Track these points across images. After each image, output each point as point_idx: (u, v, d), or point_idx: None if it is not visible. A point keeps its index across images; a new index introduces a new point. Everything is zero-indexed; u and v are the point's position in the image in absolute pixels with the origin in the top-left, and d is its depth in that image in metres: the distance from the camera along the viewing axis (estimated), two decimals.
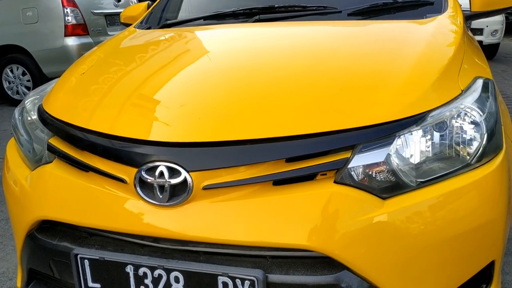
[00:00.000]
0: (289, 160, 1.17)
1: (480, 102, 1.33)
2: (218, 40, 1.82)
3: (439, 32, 1.67)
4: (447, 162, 1.25)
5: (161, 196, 1.18)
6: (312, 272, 1.14)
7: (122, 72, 1.60)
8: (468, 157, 1.26)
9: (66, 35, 5.36)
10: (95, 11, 5.70)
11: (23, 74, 5.61)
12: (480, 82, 1.42)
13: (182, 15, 2.34)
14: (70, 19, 5.35)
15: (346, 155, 1.17)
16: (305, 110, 1.22)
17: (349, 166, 1.16)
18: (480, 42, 8.22)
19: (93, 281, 1.28)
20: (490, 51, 8.51)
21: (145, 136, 1.23)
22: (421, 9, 2.00)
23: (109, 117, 1.33)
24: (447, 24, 1.76)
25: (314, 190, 1.15)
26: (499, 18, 8.17)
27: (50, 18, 5.36)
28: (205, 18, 2.17)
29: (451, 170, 1.24)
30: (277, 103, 1.26)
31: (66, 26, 5.35)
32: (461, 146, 1.26)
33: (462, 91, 1.36)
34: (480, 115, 1.29)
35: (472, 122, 1.28)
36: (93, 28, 5.65)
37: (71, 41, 5.37)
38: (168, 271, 1.20)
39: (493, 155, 1.29)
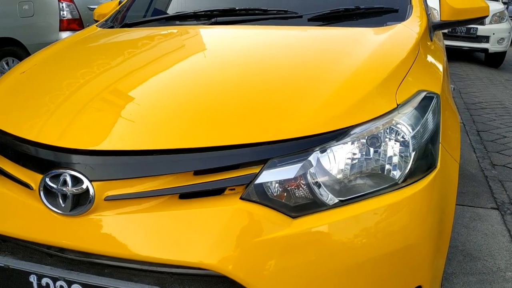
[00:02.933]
0: (197, 173, 1.11)
1: (412, 118, 1.26)
2: (160, 44, 1.76)
3: (389, 42, 1.60)
4: (371, 180, 1.18)
5: (63, 205, 1.13)
6: None
7: (54, 74, 1.56)
8: (394, 176, 1.19)
9: (61, 29, 5.36)
10: (91, 6, 5.69)
11: None
12: (420, 97, 1.35)
13: (146, 15, 2.29)
14: (66, 13, 5.35)
15: (255, 170, 1.11)
16: (219, 121, 1.17)
17: (257, 182, 1.10)
18: (486, 50, 8.07)
19: None
20: (496, 60, 8.35)
21: (51, 142, 1.18)
22: (385, 16, 1.93)
23: (22, 119, 1.29)
24: (403, 33, 1.69)
25: (218, 206, 1.09)
26: (506, 26, 8.02)
27: (46, 12, 5.36)
28: (166, 19, 2.12)
29: (375, 189, 1.17)
30: (191, 113, 1.20)
31: (61, 21, 5.35)
32: (387, 164, 1.19)
33: (397, 105, 1.28)
34: (410, 132, 1.22)
35: (400, 140, 1.21)
36: (89, 23, 5.63)
37: (66, 36, 5.37)
38: (69, 283, 1.15)
39: (422, 175, 1.22)
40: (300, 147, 1.14)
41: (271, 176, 1.11)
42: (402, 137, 1.21)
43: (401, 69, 1.43)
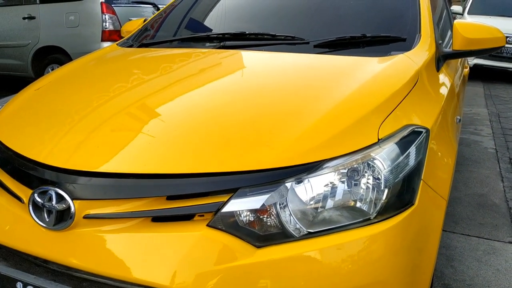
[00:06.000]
0: (170, 198, 1.17)
1: (391, 154, 1.26)
2: (165, 68, 1.83)
3: (384, 73, 1.60)
4: (343, 214, 1.20)
5: (48, 220, 1.22)
6: None
7: (61, 93, 1.66)
8: (366, 211, 1.20)
9: (103, 39, 5.62)
10: (133, 19, 5.93)
11: None
12: (405, 132, 1.35)
13: (164, 35, 2.39)
14: (108, 25, 5.61)
15: (224, 198, 1.15)
16: (196, 149, 1.22)
17: (224, 210, 1.14)
18: None
19: None
20: None
21: (42, 159, 1.27)
22: (392, 45, 1.92)
23: (23, 136, 1.40)
24: (402, 64, 1.68)
25: (185, 231, 1.14)
26: None
27: (89, 23, 5.65)
28: (180, 40, 2.21)
29: (346, 223, 1.19)
30: (169, 140, 1.26)
31: (103, 32, 5.62)
32: (360, 198, 1.20)
33: (379, 140, 1.29)
34: (384, 168, 1.22)
35: (375, 175, 1.22)
36: None
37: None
38: None
39: (395, 212, 1.22)
40: (271, 178, 1.17)
41: (240, 205, 1.15)
42: (377, 172, 1.22)
43: (391, 102, 1.44)
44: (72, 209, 1.19)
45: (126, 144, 1.26)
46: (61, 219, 1.22)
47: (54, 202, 1.21)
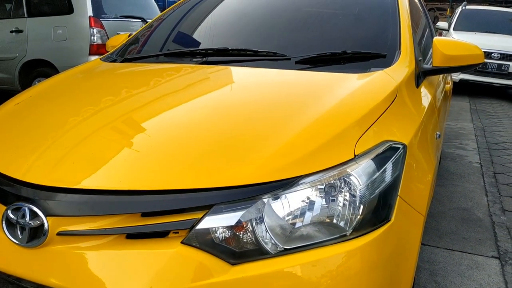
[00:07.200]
0: (145, 214, 1.16)
1: (366, 170, 1.27)
2: (144, 83, 1.84)
3: (364, 90, 1.62)
4: (319, 230, 1.19)
5: (21, 237, 1.20)
6: None
7: (39, 108, 1.66)
8: (342, 227, 1.20)
9: (90, 53, 5.62)
10: (121, 33, 5.94)
11: None
12: (382, 148, 1.36)
13: (147, 50, 2.40)
14: (96, 39, 5.61)
15: (199, 215, 1.15)
16: (171, 165, 1.21)
17: (199, 227, 1.13)
18: None
19: None
20: None
21: (17, 176, 1.26)
22: (372, 61, 1.95)
23: (0, 152, 1.38)
24: (380, 80, 1.70)
25: (159, 248, 1.13)
26: None
27: (78, 36, 5.65)
28: (162, 55, 2.22)
29: (322, 240, 1.19)
30: (144, 156, 1.25)
31: (91, 45, 5.61)
32: (336, 214, 1.20)
33: (355, 156, 1.30)
34: (359, 184, 1.23)
35: (350, 191, 1.22)
36: None
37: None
38: None
39: (371, 228, 1.22)
40: (246, 194, 1.17)
41: (215, 222, 1.14)
42: (353, 188, 1.23)
43: (368, 118, 1.45)
44: (46, 226, 1.18)
45: (102, 161, 1.25)
46: (35, 236, 1.20)
47: (27, 218, 1.19)
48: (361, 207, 1.22)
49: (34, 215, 1.20)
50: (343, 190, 1.22)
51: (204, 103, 1.56)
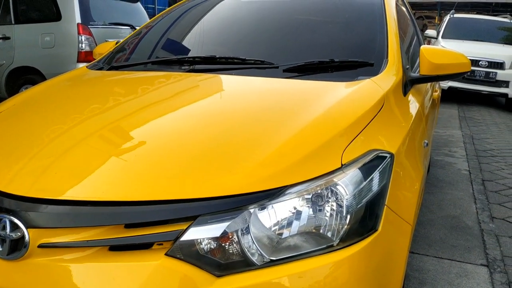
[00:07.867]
0: (128, 226, 1.14)
1: (353, 179, 1.25)
2: (131, 91, 1.82)
3: (351, 98, 1.61)
4: (306, 241, 1.18)
5: (1, 249, 1.17)
6: None
7: (22, 117, 1.63)
8: (329, 237, 1.19)
9: (78, 61, 5.58)
10: (110, 40, 5.91)
11: None
12: (369, 157, 1.35)
13: (134, 58, 2.38)
14: (84, 46, 5.58)
15: (183, 226, 1.12)
16: (155, 176, 1.19)
17: (183, 238, 1.11)
18: (506, 95, 7.97)
19: None
20: None
21: (3, 188, 1.23)
22: (360, 70, 1.94)
23: None
24: (367, 89, 1.70)
25: (143, 260, 1.10)
26: None
27: (66, 44, 5.61)
28: (148, 63, 2.20)
29: (309, 250, 1.17)
30: (130, 166, 1.23)
31: (79, 53, 5.58)
32: (322, 225, 1.19)
33: (342, 165, 1.29)
34: (346, 194, 1.22)
35: (337, 201, 1.21)
36: None
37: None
38: None
39: (358, 238, 1.21)
40: (232, 205, 1.15)
41: (199, 233, 1.12)
42: (340, 198, 1.21)
43: (355, 127, 1.44)
44: (27, 238, 1.15)
45: (86, 171, 1.23)
46: (15, 248, 1.17)
47: (8, 230, 1.16)
48: (348, 217, 1.20)
49: (15, 226, 1.17)
50: (330, 200, 1.21)
51: (191, 112, 1.54)
